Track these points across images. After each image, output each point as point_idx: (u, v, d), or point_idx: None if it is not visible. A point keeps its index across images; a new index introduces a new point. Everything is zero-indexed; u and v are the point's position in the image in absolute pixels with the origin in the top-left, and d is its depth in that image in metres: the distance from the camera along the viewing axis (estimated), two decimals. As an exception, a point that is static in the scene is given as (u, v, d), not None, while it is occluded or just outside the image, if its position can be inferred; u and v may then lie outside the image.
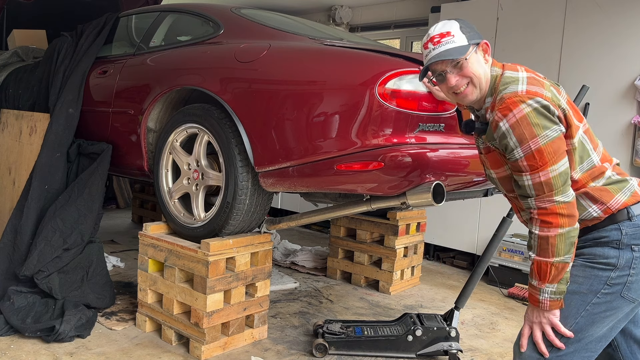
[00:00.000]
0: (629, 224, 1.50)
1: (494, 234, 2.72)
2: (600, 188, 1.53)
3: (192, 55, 2.85)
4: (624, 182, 1.55)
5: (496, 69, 1.62)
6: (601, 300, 1.50)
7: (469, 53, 1.57)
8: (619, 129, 3.72)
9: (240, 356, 2.59)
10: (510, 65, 1.63)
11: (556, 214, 1.45)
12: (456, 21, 1.63)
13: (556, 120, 1.47)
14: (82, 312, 2.70)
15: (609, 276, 1.50)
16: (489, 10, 4.41)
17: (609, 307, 1.50)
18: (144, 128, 2.95)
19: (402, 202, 2.26)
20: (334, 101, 2.18)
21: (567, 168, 1.47)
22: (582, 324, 1.52)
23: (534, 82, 1.52)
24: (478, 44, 1.60)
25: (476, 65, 1.59)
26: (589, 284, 1.51)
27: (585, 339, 1.52)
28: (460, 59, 1.56)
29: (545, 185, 1.46)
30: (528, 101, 1.45)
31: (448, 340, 2.64)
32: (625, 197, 1.52)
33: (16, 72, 4.24)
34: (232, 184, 2.47)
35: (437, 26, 1.63)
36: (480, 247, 4.40)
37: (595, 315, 1.51)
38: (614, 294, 1.49)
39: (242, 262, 2.61)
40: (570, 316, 1.52)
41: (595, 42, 3.85)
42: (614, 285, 1.49)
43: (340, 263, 3.97)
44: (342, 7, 6.07)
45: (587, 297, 1.51)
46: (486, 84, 1.60)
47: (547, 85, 1.54)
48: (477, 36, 1.62)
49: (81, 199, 2.99)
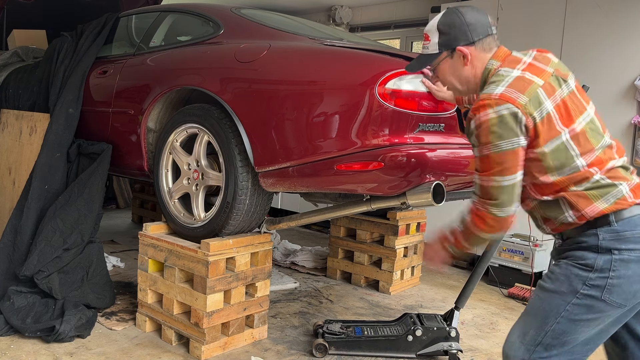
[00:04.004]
0: (607, 229, 1.47)
1: (494, 234, 2.71)
2: (578, 193, 1.49)
3: (192, 55, 2.85)
4: (610, 188, 1.48)
5: (494, 62, 1.60)
6: (581, 302, 1.48)
7: (437, 61, 1.64)
8: (619, 129, 3.72)
9: (240, 356, 2.59)
10: (513, 58, 1.60)
11: (484, 221, 1.53)
12: (442, 17, 1.63)
13: (518, 131, 1.45)
14: (82, 312, 2.70)
15: (588, 276, 1.48)
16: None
17: (591, 310, 1.47)
18: (144, 128, 2.95)
19: (402, 202, 2.26)
20: (334, 101, 2.18)
21: (514, 184, 1.48)
22: (565, 327, 1.50)
23: (517, 84, 1.49)
24: (454, 50, 1.61)
25: (447, 73, 1.65)
26: (568, 282, 1.50)
27: (570, 343, 1.50)
28: (427, 69, 1.62)
29: (484, 191, 1.51)
30: (495, 107, 1.45)
31: (448, 340, 2.64)
32: (606, 204, 1.46)
33: (16, 72, 4.24)
34: (232, 184, 2.47)
35: (429, 24, 1.66)
36: (480, 247, 4.39)
37: (576, 317, 1.49)
38: (594, 298, 1.47)
39: (242, 262, 2.61)
40: (551, 317, 1.51)
41: (595, 42, 3.85)
42: (593, 287, 1.47)
43: (340, 263, 3.97)
44: (342, 7, 6.07)
45: (567, 297, 1.50)
46: (473, 83, 1.64)
47: (534, 86, 1.49)
48: (458, 38, 1.60)
49: (81, 199, 2.99)
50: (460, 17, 1.61)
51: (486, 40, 1.63)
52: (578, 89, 1.61)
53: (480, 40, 1.62)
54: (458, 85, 1.67)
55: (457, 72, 1.64)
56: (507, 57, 1.61)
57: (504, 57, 1.61)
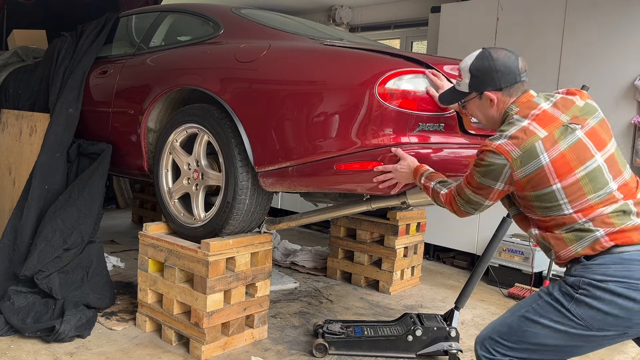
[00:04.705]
0: (578, 267, 1.59)
1: (494, 234, 2.72)
2: (557, 236, 1.63)
3: (192, 55, 2.85)
4: (587, 233, 1.58)
5: (514, 107, 1.73)
6: (551, 302, 1.61)
7: (467, 99, 1.86)
8: (619, 129, 3.72)
9: (240, 356, 2.59)
10: (531, 104, 1.71)
11: (450, 202, 1.84)
12: (476, 60, 1.79)
13: (500, 178, 1.64)
14: (82, 312, 2.70)
15: (562, 284, 1.62)
16: (489, 10, 4.41)
17: (558, 314, 1.58)
18: (144, 128, 2.95)
19: (402, 201, 2.27)
20: (334, 101, 2.19)
21: (480, 203, 1.75)
22: (531, 318, 1.62)
23: (518, 135, 1.62)
24: (482, 93, 1.79)
25: (475, 110, 1.86)
26: (547, 289, 1.66)
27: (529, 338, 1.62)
28: (456, 104, 1.95)
29: (460, 187, 1.79)
30: (492, 154, 1.64)
31: (448, 340, 2.64)
32: (580, 248, 1.58)
33: (16, 72, 4.24)
34: (232, 184, 2.47)
35: (464, 60, 1.85)
36: (480, 247, 4.40)
37: (543, 313, 1.61)
38: (562, 304, 1.58)
39: (242, 262, 2.61)
40: (522, 307, 1.67)
41: (595, 42, 3.85)
42: (565, 294, 1.59)
43: (340, 263, 3.97)
44: (342, 7, 6.07)
45: (542, 296, 1.65)
46: (497, 121, 1.81)
47: (534, 139, 1.59)
48: (487, 84, 1.77)
49: (81, 199, 2.99)
50: (491, 62, 1.76)
51: (513, 87, 1.76)
52: (594, 132, 1.65)
53: (507, 87, 1.76)
54: (484, 120, 1.88)
55: (484, 112, 1.84)
56: (527, 103, 1.72)
57: (524, 102, 1.73)
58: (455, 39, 4.63)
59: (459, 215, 1.86)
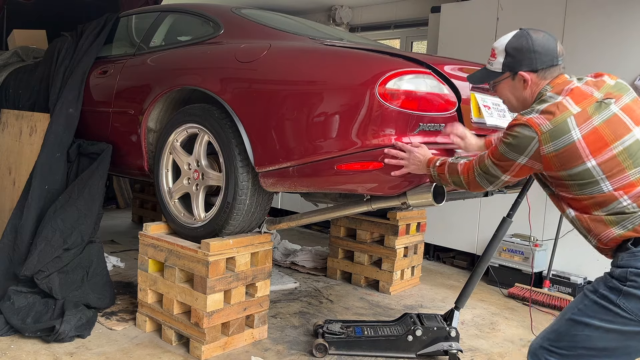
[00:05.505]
0: (625, 255, 1.51)
1: (494, 234, 2.71)
2: (596, 218, 1.55)
3: (192, 55, 2.85)
4: (631, 215, 1.50)
5: (548, 87, 1.67)
6: (598, 300, 1.52)
7: (499, 79, 1.79)
8: (619, 129, 3.72)
9: (240, 356, 2.59)
10: (563, 82, 1.66)
11: (468, 171, 1.79)
12: (513, 39, 1.73)
13: (526, 152, 1.59)
14: (82, 312, 2.70)
15: (607, 277, 1.54)
16: (489, 10, 4.41)
17: (607, 313, 1.50)
18: (144, 128, 2.95)
19: (403, 202, 2.26)
20: (334, 101, 2.18)
21: (496, 177, 1.70)
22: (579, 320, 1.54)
23: (551, 109, 1.57)
24: (516, 73, 1.72)
25: (506, 91, 1.80)
26: (592, 286, 1.57)
27: (580, 342, 1.54)
28: (489, 83, 1.84)
29: (481, 158, 1.75)
30: (520, 128, 1.60)
31: (448, 340, 2.64)
32: (624, 230, 1.51)
33: (16, 72, 4.24)
34: (232, 184, 2.47)
35: (499, 40, 1.78)
36: (480, 247, 4.40)
37: (591, 314, 1.52)
38: (610, 300, 1.50)
39: (242, 262, 2.61)
40: (569, 310, 1.59)
41: (595, 42, 3.85)
42: (611, 289, 1.51)
43: (340, 263, 3.97)
44: (342, 7, 6.07)
45: (588, 295, 1.56)
46: (528, 103, 1.73)
47: (566, 114, 1.54)
48: (523, 63, 1.70)
49: (81, 199, 2.99)
50: (530, 42, 1.70)
51: (549, 70, 1.71)
52: (629, 108, 1.60)
53: (543, 70, 1.70)
54: (514, 102, 1.81)
55: (516, 93, 1.77)
56: (561, 84, 1.67)
57: (559, 83, 1.67)
58: (455, 39, 4.63)
59: (470, 188, 1.79)
